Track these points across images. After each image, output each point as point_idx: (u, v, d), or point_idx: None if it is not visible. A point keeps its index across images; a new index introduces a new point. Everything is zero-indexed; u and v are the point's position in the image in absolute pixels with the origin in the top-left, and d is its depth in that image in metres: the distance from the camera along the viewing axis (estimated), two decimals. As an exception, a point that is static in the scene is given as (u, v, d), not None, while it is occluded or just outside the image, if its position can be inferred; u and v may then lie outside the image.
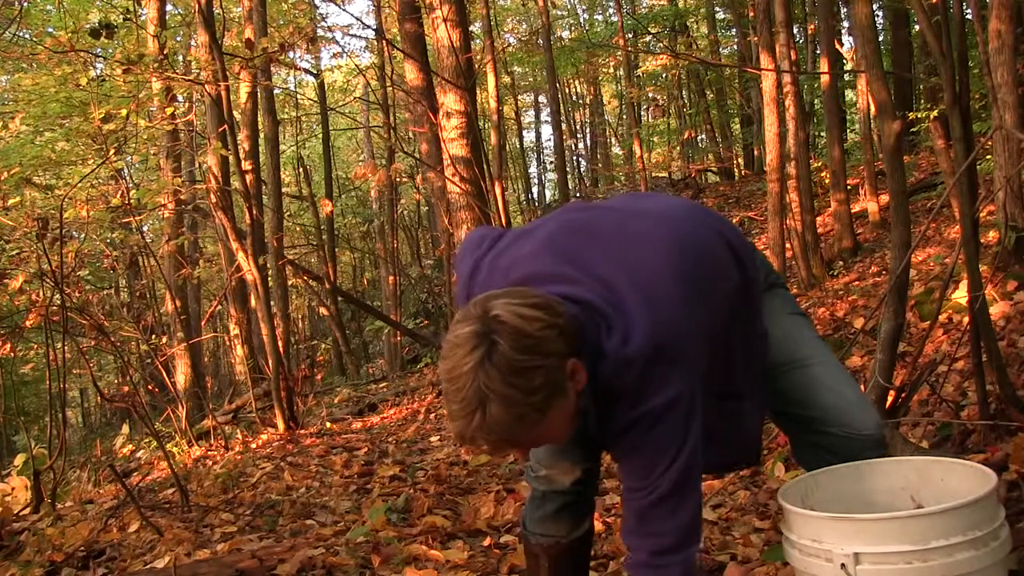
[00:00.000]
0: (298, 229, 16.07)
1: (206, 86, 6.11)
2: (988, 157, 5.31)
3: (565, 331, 1.24)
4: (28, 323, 5.06)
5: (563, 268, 1.37)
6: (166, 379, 5.96)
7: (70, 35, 5.55)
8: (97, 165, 6.93)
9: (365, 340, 15.84)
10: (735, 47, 16.38)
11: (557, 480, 1.67)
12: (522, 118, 23.84)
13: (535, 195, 23.99)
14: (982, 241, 4.11)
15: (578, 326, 1.28)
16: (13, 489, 3.52)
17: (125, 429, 6.14)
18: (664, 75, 16.51)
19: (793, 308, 1.70)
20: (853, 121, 13.48)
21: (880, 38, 10.88)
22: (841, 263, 7.74)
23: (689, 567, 1.37)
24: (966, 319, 2.80)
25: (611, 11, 18.49)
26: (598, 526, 2.66)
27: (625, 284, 1.34)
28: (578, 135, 23.21)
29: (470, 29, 7.91)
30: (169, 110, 6.76)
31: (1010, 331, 3.29)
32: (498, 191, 6.00)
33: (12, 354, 5.90)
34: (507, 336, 1.18)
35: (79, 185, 6.85)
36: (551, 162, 24.20)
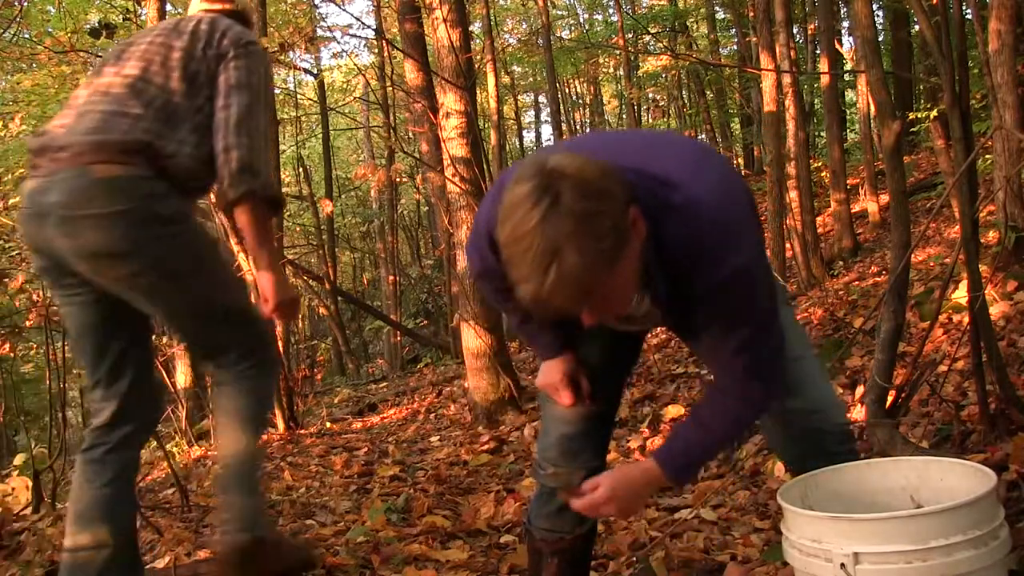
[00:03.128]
0: (298, 229, 16.08)
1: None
2: (988, 157, 5.32)
3: (623, 182, 1.22)
4: (28, 323, 5.05)
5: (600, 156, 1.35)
6: (166, 379, 5.96)
7: (70, 35, 5.55)
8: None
9: (365, 340, 15.84)
10: (735, 47, 16.37)
11: (565, 479, 1.67)
12: (522, 118, 23.84)
13: (535, 195, 23.93)
14: (982, 241, 4.11)
15: (631, 183, 1.26)
16: (13, 489, 3.52)
17: (125, 429, 6.13)
18: (664, 75, 16.51)
19: (785, 297, 1.73)
20: (853, 121, 13.49)
21: (880, 38, 10.88)
22: (841, 263, 7.74)
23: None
24: (966, 319, 2.80)
25: (611, 11, 18.50)
26: (598, 526, 2.66)
27: (670, 159, 1.36)
28: (578, 135, 23.20)
29: (470, 29, 7.91)
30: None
31: (1010, 331, 3.29)
32: (498, 191, 5.96)
33: (12, 354, 5.89)
34: (569, 185, 1.14)
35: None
36: (551, 162, 24.10)
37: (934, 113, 6.65)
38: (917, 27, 9.24)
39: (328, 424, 6.18)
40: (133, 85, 1.93)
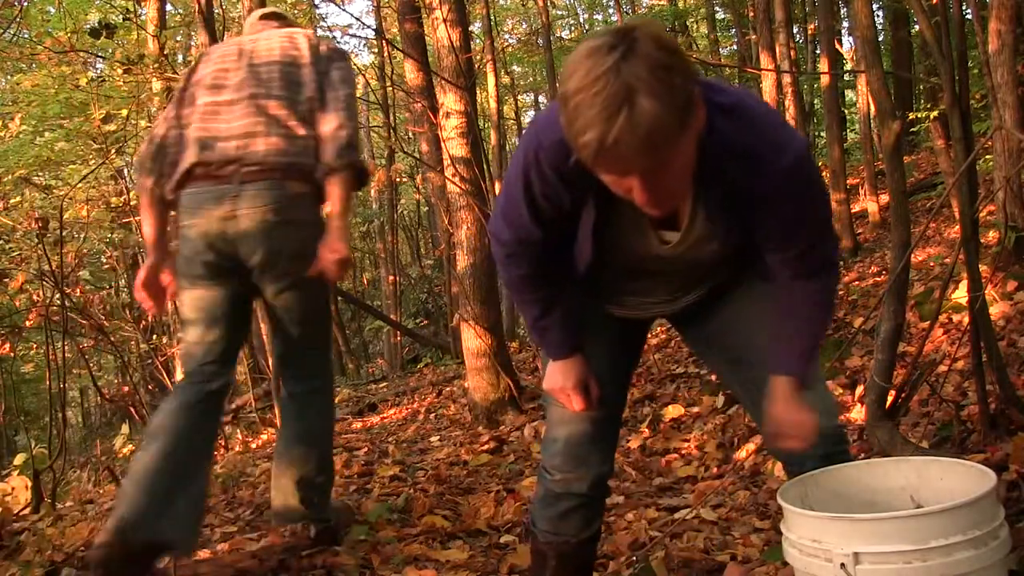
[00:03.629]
0: (298, 229, 16.02)
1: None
2: (988, 157, 5.31)
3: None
4: (28, 323, 5.06)
5: None
6: (166, 379, 5.96)
7: (70, 35, 5.55)
8: (97, 165, 6.93)
9: (365, 340, 15.84)
10: (735, 47, 16.38)
11: (572, 484, 1.67)
12: (522, 118, 23.83)
13: (535, 195, 23.94)
14: (982, 241, 4.11)
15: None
16: (13, 489, 3.52)
17: (125, 429, 6.12)
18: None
19: None
20: (853, 121, 13.49)
21: (880, 38, 10.89)
22: (841, 263, 7.74)
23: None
24: (966, 319, 2.80)
25: (611, 11, 18.50)
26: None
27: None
28: None
29: (470, 29, 7.91)
30: (169, 110, 6.75)
31: (1010, 331, 3.29)
32: (498, 191, 5.98)
33: (12, 354, 5.90)
34: (646, 36, 1.10)
35: (79, 185, 6.85)
36: (551, 162, 24.10)
37: (934, 113, 6.65)
38: (917, 27, 9.23)
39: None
40: (289, 107, 2.33)
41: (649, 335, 1.97)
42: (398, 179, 13.96)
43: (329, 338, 2.64)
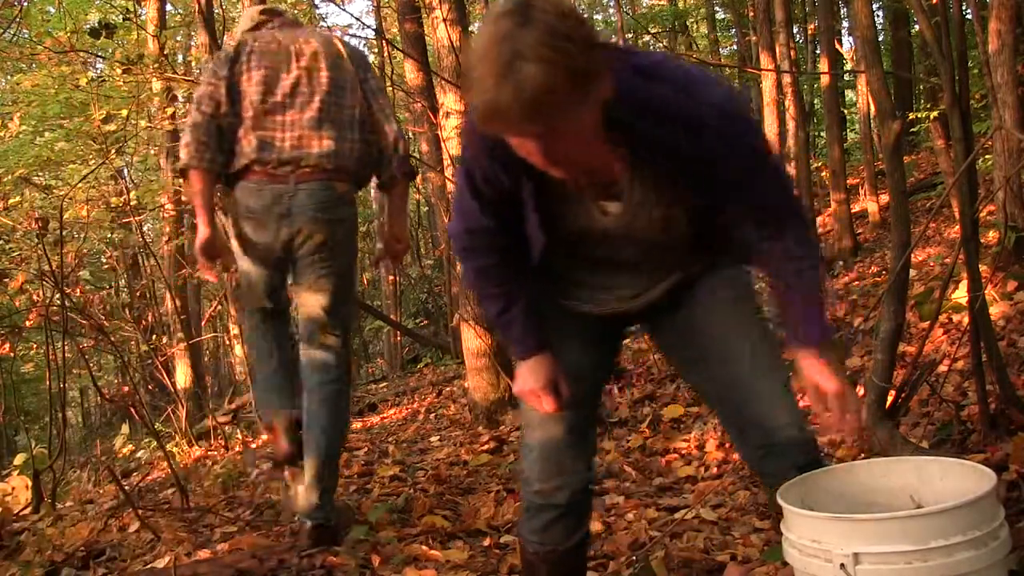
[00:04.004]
0: (298, 229, 16.02)
1: (206, 86, 6.09)
2: (988, 157, 5.31)
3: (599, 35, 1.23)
4: (28, 323, 5.06)
5: None
6: (166, 379, 5.96)
7: (70, 35, 5.55)
8: (97, 165, 6.93)
9: (365, 340, 15.83)
10: (735, 47, 16.37)
11: (552, 495, 1.64)
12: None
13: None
14: (982, 241, 4.11)
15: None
16: (13, 489, 3.52)
17: (125, 429, 6.13)
18: (664, 75, 16.48)
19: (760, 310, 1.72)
20: (853, 121, 13.49)
21: (880, 38, 10.88)
22: (841, 263, 7.74)
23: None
24: (966, 319, 2.80)
25: (611, 11, 18.50)
26: (597, 526, 2.66)
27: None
28: None
29: (470, 29, 7.92)
30: (169, 110, 6.76)
31: (1010, 331, 3.29)
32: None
33: (12, 354, 5.90)
34: (545, 5, 1.12)
35: (79, 185, 6.85)
36: (551, 162, 24.12)
37: (934, 113, 6.65)
38: (917, 27, 9.24)
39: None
40: (338, 113, 2.62)
41: (639, 341, 1.94)
42: (398, 179, 13.91)
43: (352, 324, 3.08)
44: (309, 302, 2.67)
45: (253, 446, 5.11)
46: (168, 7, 10.24)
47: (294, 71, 2.59)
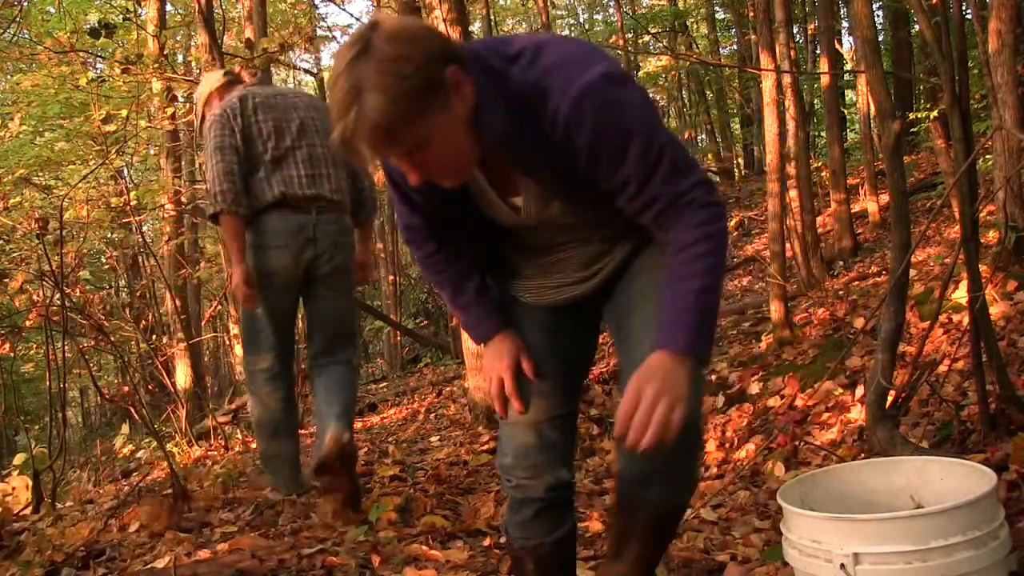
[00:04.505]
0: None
1: (206, 86, 6.10)
2: (988, 157, 5.32)
3: (449, 40, 1.25)
4: (28, 323, 5.06)
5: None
6: (166, 379, 5.96)
7: (70, 35, 5.55)
8: (97, 165, 6.93)
9: (365, 340, 15.83)
10: (735, 47, 16.38)
11: (530, 488, 1.62)
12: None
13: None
14: (982, 241, 4.11)
15: (473, 49, 1.29)
16: (13, 489, 3.52)
17: (125, 429, 6.13)
18: (664, 76, 16.51)
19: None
20: (853, 121, 13.49)
21: (880, 38, 10.89)
22: (841, 263, 7.74)
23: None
24: (966, 319, 2.80)
25: (611, 11, 18.50)
26: (597, 526, 2.66)
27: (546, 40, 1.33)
28: None
29: (470, 29, 7.91)
30: (169, 110, 6.76)
31: (1010, 331, 3.29)
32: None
33: (12, 354, 5.90)
34: (382, 33, 1.18)
35: (79, 185, 6.85)
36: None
37: (934, 113, 6.65)
38: (917, 27, 9.23)
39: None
40: (330, 154, 3.06)
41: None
42: (398, 179, 13.91)
43: (357, 326, 3.51)
44: (327, 318, 3.11)
45: (253, 446, 5.11)
46: (168, 7, 10.24)
47: (296, 119, 3.02)
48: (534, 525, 1.66)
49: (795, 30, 11.26)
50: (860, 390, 3.45)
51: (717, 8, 16.64)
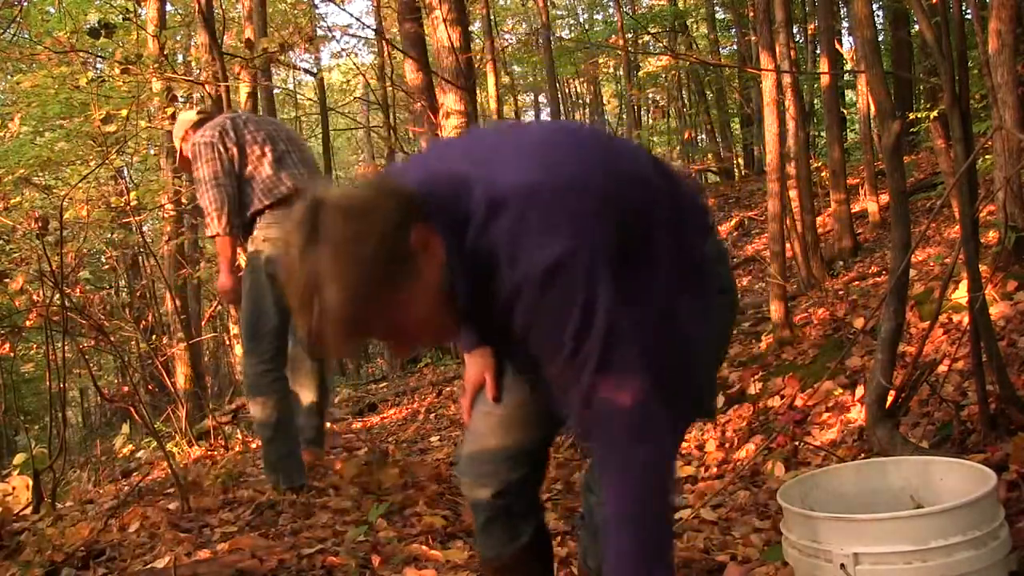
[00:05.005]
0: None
1: (206, 86, 6.11)
2: (988, 157, 5.31)
3: (406, 197, 1.10)
4: (28, 323, 5.05)
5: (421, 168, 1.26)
6: (166, 379, 5.96)
7: (70, 35, 5.55)
8: (97, 165, 6.93)
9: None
10: (735, 47, 16.37)
11: (474, 492, 1.53)
12: (522, 118, 23.83)
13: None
14: (982, 241, 4.11)
15: (428, 193, 1.13)
16: (13, 489, 3.52)
17: (125, 429, 6.13)
18: (664, 76, 16.51)
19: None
20: (853, 121, 13.48)
21: (880, 38, 10.88)
22: (841, 263, 7.74)
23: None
24: (966, 319, 2.80)
25: (611, 10, 18.50)
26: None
27: (512, 158, 1.15)
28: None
29: (470, 29, 7.91)
30: (169, 110, 6.76)
31: (1010, 331, 3.29)
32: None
33: (12, 354, 5.90)
34: (330, 211, 1.05)
35: (79, 185, 6.84)
36: (551, 162, 24.14)
37: (934, 113, 6.64)
38: (917, 27, 9.23)
39: (328, 424, 6.17)
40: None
41: None
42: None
43: None
44: None
45: (253, 446, 5.11)
46: (168, 7, 10.25)
47: (283, 131, 3.30)
48: (487, 535, 1.56)
49: (795, 30, 11.26)
50: (860, 390, 3.45)
51: (717, 8, 16.64)
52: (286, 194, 3.11)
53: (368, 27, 12.65)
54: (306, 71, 15.41)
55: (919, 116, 8.08)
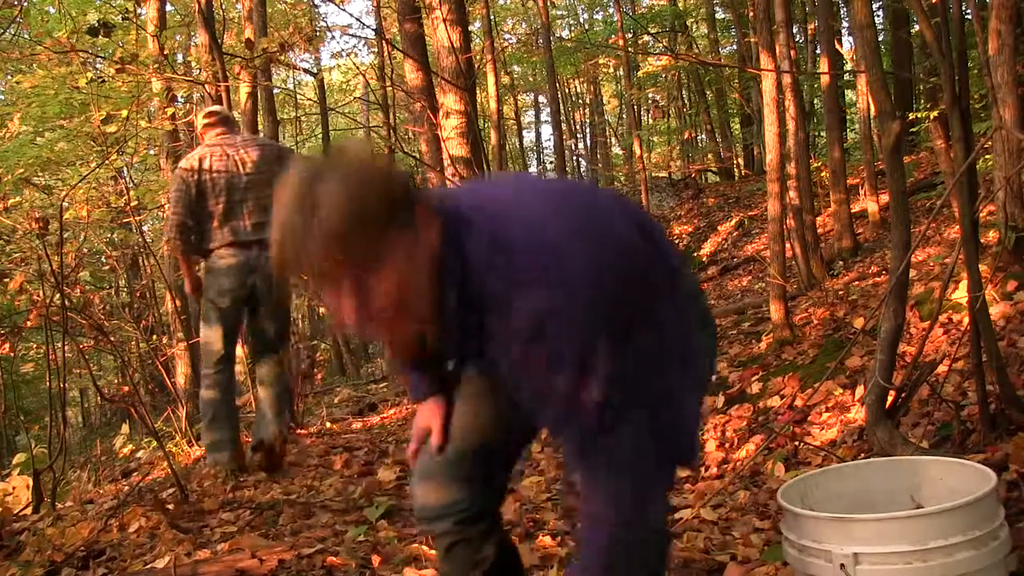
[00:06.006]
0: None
1: (206, 86, 6.11)
2: (988, 157, 5.32)
3: (414, 187, 1.12)
4: (28, 323, 5.06)
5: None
6: (166, 379, 5.96)
7: (70, 35, 5.55)
8: (97, 165, 6.93)
9: (365, 340, 15.81)
10: (735, 47, 16.37)
11: (432, 525, 1.51)
12: (522, 118, 23.85)
13: (535, 195, 23.95)
14: (982, 241, 4.11)
15: (444, 206, 1.15)
16: (13, 489, 3.52)
17: (125, 429, 6.13)
18: (664, 76, 16.51)
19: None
20: (853, 121, 13.48)
21: (880, 38, 10.88)
22: (841, 263, 7.74)
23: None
24: (966, 319, 2.80)
25: (611, 10, 18.50)
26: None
27: (526, 201, 1.19)
28: (578, 135, 23.23)
29: (470, 29, 7.91)
30: (169, 110, 6.76)
31: (1010, 331, 3.29)
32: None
33: (12, 354, 5.90)
34: (344, 164, 1.06)
35: (79, 185, 6.85)
36: (551, 162, 24.22)
37: (934, 113, 6.64)
38: (917, 27, 9.23)
39: (328, 424, 6.17)
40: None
41: None
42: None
43: (288, 331, 4.18)
44: (266, 327, 3.80)
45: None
46: (168, 7, 10.24)
47: (244, 176, 3.63)
48: (450, 562, 1.53)
49: (795, 30, 11.27)
50: (860, 390, 3.45)
51: (717, 8, 16.64)
52: (221, 244, 3.62)
53: (368, 27, 12.67)
54: (306, 71, 15.41)
55: (919, 116, 8.08)
